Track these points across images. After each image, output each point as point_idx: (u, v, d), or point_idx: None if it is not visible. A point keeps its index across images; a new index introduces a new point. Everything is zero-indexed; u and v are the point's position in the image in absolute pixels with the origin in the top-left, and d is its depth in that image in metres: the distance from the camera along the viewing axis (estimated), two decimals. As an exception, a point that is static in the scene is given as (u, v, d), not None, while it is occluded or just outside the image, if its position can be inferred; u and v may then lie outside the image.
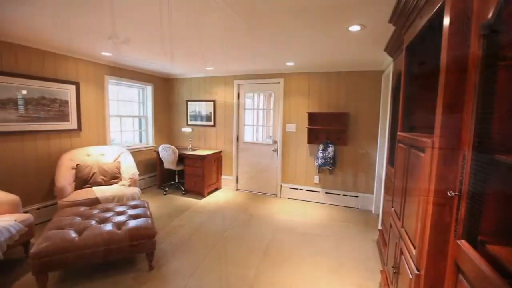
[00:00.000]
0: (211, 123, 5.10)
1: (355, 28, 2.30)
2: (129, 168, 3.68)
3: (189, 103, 5.30)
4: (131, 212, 2.62)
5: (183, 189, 4.69)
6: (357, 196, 4.17)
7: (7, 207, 2.48)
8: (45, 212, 3.39)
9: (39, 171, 3.35)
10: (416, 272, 1.18)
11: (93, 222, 2.37)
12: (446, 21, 1.03)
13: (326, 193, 4.37)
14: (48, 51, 3.35)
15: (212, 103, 5.05)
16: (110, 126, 4.29)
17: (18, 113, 3.09)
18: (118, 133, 4.61)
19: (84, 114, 3.85)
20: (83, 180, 3.34)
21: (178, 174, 4.95)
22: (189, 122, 5.34)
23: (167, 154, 4.44)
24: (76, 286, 2.13)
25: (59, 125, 3.54)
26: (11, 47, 2.98)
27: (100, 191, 3.16)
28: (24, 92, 3.13)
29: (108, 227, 2.28)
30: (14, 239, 2.25)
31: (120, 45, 3.05)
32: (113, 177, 3.52)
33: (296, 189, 4.56)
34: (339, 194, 4.29)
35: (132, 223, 2.36)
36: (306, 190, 4.49)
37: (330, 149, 4.08)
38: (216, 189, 4.96)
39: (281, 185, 4.65)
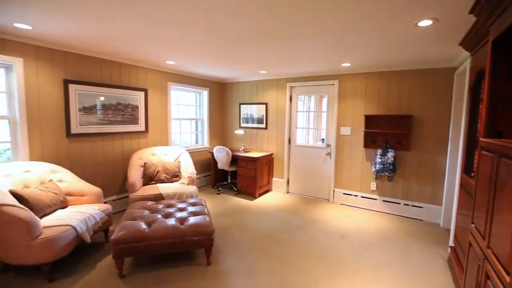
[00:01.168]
0: (263, 125, 5.18)
1: (425, 23, 2.09)
2: (188, 167, 3.95)
3: (242, 106, 5.48)
4: (191, 209, 2.81)
5: (235, 189, 4.86)
6: (421, 207, 3.78)
7: (92, 197, 2.89)
8: (119, 204, 3.87)
9: (115, 167, 3.83)
10: (511, 302, 1.02)
11: (159, 216, 2.60)
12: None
13: (384, 201, 4.06)
14: (124, 63, 3.82)
15: (264, 106, 5.13)
16: (171, 128, 4.67)
17: (100, 117, 3.58)
18: (178, 135, 5.00)
19: (151, 118, 4.28)
20: (149, 177, 3.71)
21: (231, 175, 5.15)
22: (242, 125, 5.51)
23: (221, 155, 4.65)
24: (145, 272, 2.37)
25: (131, 127, 3.99)
26: (97, 61, 3.49)
27: (163, 188, 3.47)
28: (104, 99, 3.62)
29: (172, 221, 2.48)
30: (97, 226, 2.61)
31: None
32: (174, 176, 3.83)
33: (351, 195, 4.34)
34: (399, 203, 3.94)
35: (193, 220, 2.53)
36: (362, 196, 4.24)
37: (390, 154, 3.78)
38: (267, 191, 5.01)
39: (334, 190, 4.48)
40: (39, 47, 2.95)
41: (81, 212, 2.54)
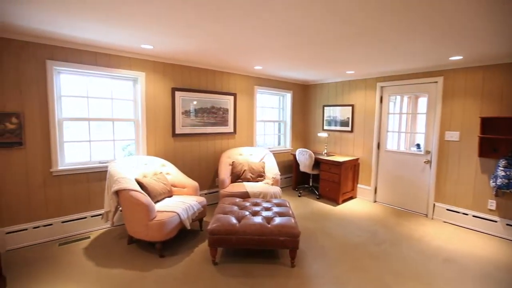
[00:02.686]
0: (348, 128, 4.90)
1: None
2: (272, 168, 4.08)
3: (325, 108, 5.32)
4: (276, 209, 2.88)
5: (317, 193, 4.75)
6: None
7: (191, 190, 3.30)
8: (210, 198, 4.30)
9: (207, 164, 4.28)
10: None
11: (247, 213, 2.77)
12: None
13: (508, 225, 3.25)
14: (218, 70, 4.24)
15: (350, 107, 4.85)
16: (256, 130, 4.92)
17: (197, 119, 4.07)
18: (262, 136, 5.22)
19: (238, 120, 4.61)
20: (236, 175, 3.99)
21: (313, 178, 5.05)
22: (325, 127, 5.35)
23: (304, 158, 4.62)
24: (234, 263, 2.55)
25: (221, 128, 4.39)
26: (195, 70, 3.99)
27: (249, 187, 3.67)
28: (201, 103, 4.09)
29: (259, 219, 2.60)
30: (195, 215, 2.96)
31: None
32: (259, 175, 4.01)
33: (458, 212, 3.64)
34: (532, 230, 3.09)
35: (279, 220, 2.58)
36: (474, 216, 3.50)
37: (519, 167, 3.00)
38: (351, 198, 4.71)
39: (434, 204, 3.85)
40: (156, 62, 3.56)
41: (183, 202, 2.94)
